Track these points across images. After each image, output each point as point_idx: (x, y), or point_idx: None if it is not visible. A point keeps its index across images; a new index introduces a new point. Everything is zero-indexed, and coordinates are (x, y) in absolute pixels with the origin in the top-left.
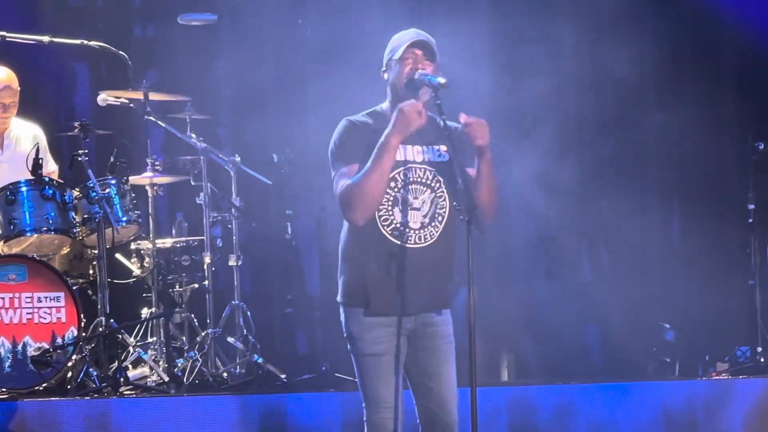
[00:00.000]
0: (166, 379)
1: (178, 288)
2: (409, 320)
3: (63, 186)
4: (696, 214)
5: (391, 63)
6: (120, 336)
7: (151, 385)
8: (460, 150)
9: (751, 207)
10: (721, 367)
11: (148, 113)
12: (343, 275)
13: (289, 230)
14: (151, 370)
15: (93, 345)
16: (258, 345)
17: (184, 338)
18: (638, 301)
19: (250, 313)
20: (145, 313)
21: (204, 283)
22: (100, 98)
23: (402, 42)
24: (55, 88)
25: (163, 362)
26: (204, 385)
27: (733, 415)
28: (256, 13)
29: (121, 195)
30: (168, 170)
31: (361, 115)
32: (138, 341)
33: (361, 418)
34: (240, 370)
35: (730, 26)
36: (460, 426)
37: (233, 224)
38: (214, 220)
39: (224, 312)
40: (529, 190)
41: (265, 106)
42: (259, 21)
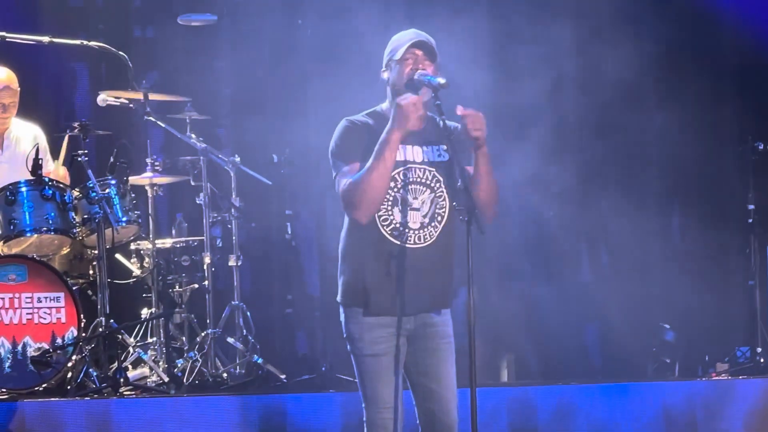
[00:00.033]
0: (166, 380)
1: (177, 288)
2: (409, 320)
3: (63, 186)
4: (696, 215)
5: (391, 63)
6: (120, 336)
7: (151, 385)
8: (460, 150)
9: (751, 207)
10: (721, 367)
11: (148, 113)
12: (342, 275)
13: (289, 230)
14: (151, 371)
15: (93, 345)
16: (258, 345)
17: (184, 338)
18: (638, 301)
19: (250, 314)
20: (144, 313)
21: (204, 283)
22: (100, 98)
23: (402, 42)
24: (55, 89)
25: (163, 362)
26: (204, 386)
27: (733, 416)
28: (256, 14)
29: (121, 195)
30: (168, 170)
31: (361, 115)
32: (138, 341)
33: (361, 419)
34: (240, 371)
35: (729, 26)
36: (460, 426)
37: (233, 224)
38: (213, 220)
39: (224, 312)
40: (529, 191)
41: (265, 107)
42: (259, 21)
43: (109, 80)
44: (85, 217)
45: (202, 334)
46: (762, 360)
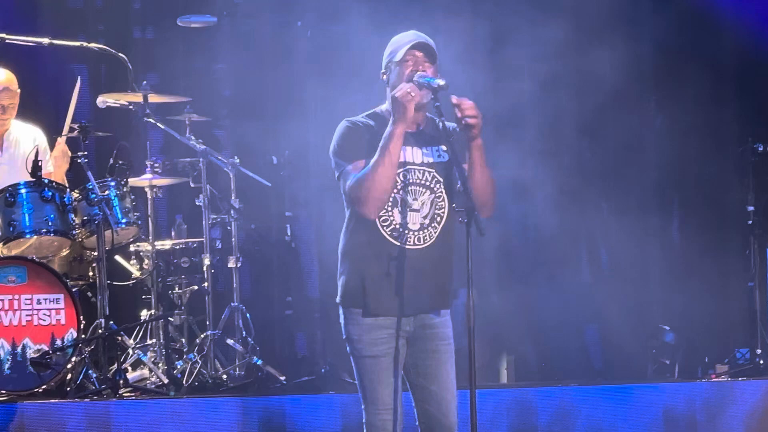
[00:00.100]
0: (166, 381)
1: (177, 290)
2: (409, 322)
3: (62, 188)
4: (695, 216)
5: (391, 65)
6: (119, 338)
7: (151, 387)
8: (460, 151)
9: (751, 209)
10: (721, 369)
11: (148, 115)
12: (342, 276)
13: (289, 232)
14: (151, 372)
15: (92, 347)
16: (257, 347)
17: (184, 340)
18: (638, 302)
19: (250, 315)
20: (144, 315)
21: (203, 284)
22: (100, 100)
23: (402, 44)
24: (55, 90)
25: (163, 364)
26: (203, 387)
27: (733, 417)
28: (256, 16)
29: (121, 197)
30: (167, 172)
31: (361, 117)
32: (137, 343)
33: (361, 420)
34: (239, 372)
35: (729, 27)
36: (460, 428)
37: (232, 226)
38: (213, 222)
39: (223, 314)
40: (528, 192)
41: (265, 108)
42: (259, 23)
43: (108, 82)
44: (85, 218)
45: (202, 336)
46: (761, 361)
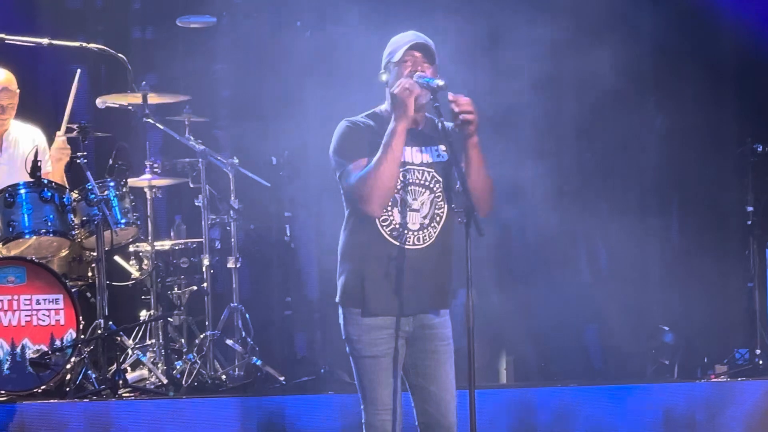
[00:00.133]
0: (165, 382)
1: (176, 290)
2: (408, 322)
3: (62, 188)
4: (695, 216)
5: (390, 65)
6: (119, 338)
7: (150, 387)
8: (459, 151)
9: (750, 209)
10: (720, 369)
11: (147, 115)
12: (341, 276)
13: (288, 232)
14: (150, 373)
15: (92, 347)
16: (256, 347)
17: (183, 340)
18: (637, 303)
19: (249, 316)
20: (143, 315)
21: (202, 285)
22: (99, 100)
23: (401, 44)
24: (54, 90)
25: (162, 364)
26: (202, 388)
27: (732, 418)
28: (255, 16)
29: (120, 197)
30: (166, 172)
31: (361, 117)
32: (137, 343)
33: (360, 421)
34: (239, 373)
35: (728, 28)
36: (459, 428)
37: (232, 226)
38: (212, 222)
39: (223, 314)
40: (528, 192)
41: (264, 109)
42: (258, 23)
43: (108, 82)
44: (84, 219)
45: (201, 336)
46: (761, 362)
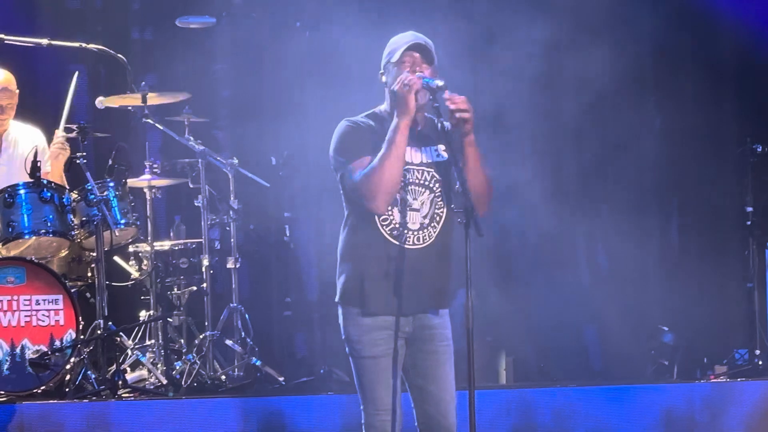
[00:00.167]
0: (165, 382)
1: (176, 291)
2: (408, 323)
3: (61, 188)
4: (694, 217)
5: (389, 66)
6: (118, 339)
7: (150, 387)
8: (458, 151)
9: (749, 209)
10: (720, 369)
11: (146, 116)
12: (341, 276)
13: (287, 233)
14: (150, 373)
15: (91, 348)
16: (256, 348)
17: (182, 341)
18: (636, 303)
19: (248, 316)
20: (143, 315)
21: (202, 285)
22: (99, 101)
23: (399, 45)
24: (54, 91)
25: (162, 365)
26: (202, 388)
27: (732, 418)
28: (254, 16)
29: (120, 198)
30: (166, 173)
31: (361, 117)
32: (136, 344)
33: (360, 421)
34: (238, 373)
35: (728, 28)
36: (459, 429)
37: (231, 227)
38: (212, 222)
39: (222, 315)
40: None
41: (263, 109)
42: (257, 24)
43: (107, 82)
44: (84, 219)
45: (201, 337)
46: (760, 362)
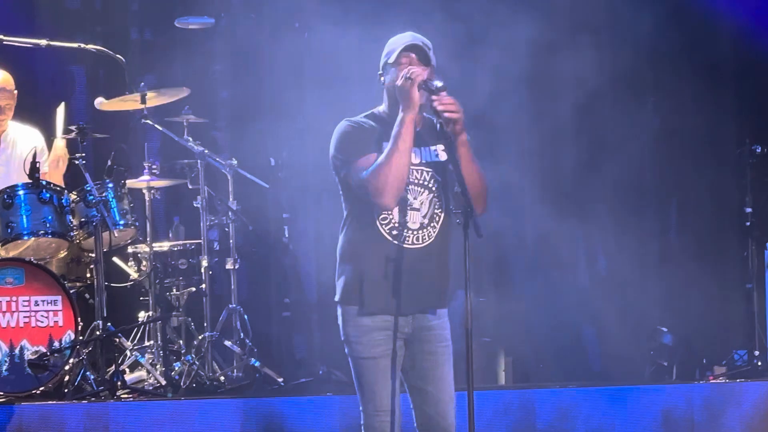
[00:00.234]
0: (163, 383)
1: (175, 291)
2: (407, 323)
3: (60, 189)
4: (693, 218)
5: (387, 67)
6: (117, 339)
7: (149, 388)
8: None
9: (749, 210)
10: (719, 370)
11: (145, 117)
12: (341, 276)
13: (286, 234)
14: (148, 374)
15: (90, 348)
16: (255, 348)
17: (181, 342)
18: (636, 304)
19: (247, 317)
20: (142, 316)
21: (201, 286)
22: (98, 101)
23: (397, 46)
24: (53, 91)
25: (160, 366)
26: (201, 389)
27: (731, 419)
28: (253, 17)
29: (119, 198)
30: (165, 174)
31: (360, 117)
32: (135, 345)
33: (359, 422)
34: (237, 374)
35: (726, 28)
36: (458, 430)
37: (230, 228)
38: (211, 223)
39: (221, 315)
40: (526, 193)
41: (263, 110)
42: (256, 25)
43: (106, 83)
44: (83, 220)
45: (200, 338)
46: (759, 363)
